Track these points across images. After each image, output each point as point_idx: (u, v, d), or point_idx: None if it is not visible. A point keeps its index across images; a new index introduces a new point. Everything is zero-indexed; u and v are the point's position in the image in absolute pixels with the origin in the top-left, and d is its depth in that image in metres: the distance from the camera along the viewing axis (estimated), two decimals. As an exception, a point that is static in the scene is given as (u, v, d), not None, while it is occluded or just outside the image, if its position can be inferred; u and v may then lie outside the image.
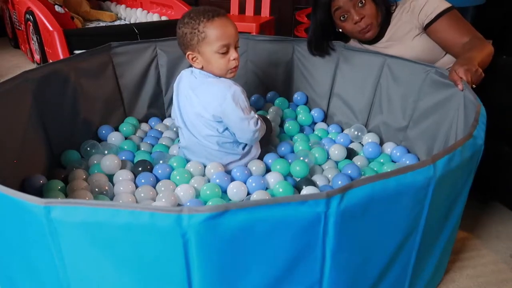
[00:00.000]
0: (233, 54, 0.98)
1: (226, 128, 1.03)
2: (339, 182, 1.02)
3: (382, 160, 1.17)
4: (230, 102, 0.97)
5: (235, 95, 0.97)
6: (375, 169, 1.13)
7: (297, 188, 1.02)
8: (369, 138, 1.24)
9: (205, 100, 1.00)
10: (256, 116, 1.04)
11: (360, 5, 1.18)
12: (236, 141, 1.05)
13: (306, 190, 0.99)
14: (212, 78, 1.00)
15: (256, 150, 1.11)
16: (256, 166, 1.07)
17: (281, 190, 0.97)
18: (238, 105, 0.98)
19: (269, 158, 1.12)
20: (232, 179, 1.03)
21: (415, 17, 1.19)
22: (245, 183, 1.01)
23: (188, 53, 0.99)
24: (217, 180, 1.00)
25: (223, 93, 0.97)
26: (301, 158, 1.10)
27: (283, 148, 1.19)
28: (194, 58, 0.99)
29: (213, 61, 0.98)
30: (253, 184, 1.00)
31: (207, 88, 1.00)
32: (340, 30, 1.26)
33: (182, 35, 0.97)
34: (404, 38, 1.23)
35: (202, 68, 1.01)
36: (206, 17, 0.95)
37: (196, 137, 1.05)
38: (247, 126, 1.00)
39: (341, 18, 1.21)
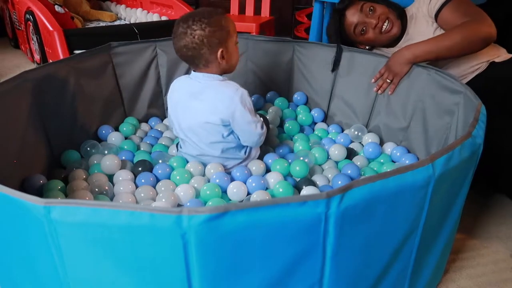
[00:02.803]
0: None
1: (231, 133, 1.02)
2: (339, 182, 1.02)
3: (382, 160, 1.17)
4: (239, 105, 0.97)
5: (242, 98, 0.98)
6: (375, 169, 1.13)
7: (297, 188, 1.02)
8: (369, 138, 1.24)
9: (213, 104, 0.98)
10: (261, 119, 1.05)
11: (370, 12, 1.23)
12: (238, 145, 1.05)
13: (306, 190, 0.99)
14: (217, 81, 1.00)
15: (255, 151, 1.11)
16: (256, 166, 1.07)
17: (281, 190, 0.97)
18: (246, 107, 0.98)
19: (269, 158, 1.12)
20: (232, 179, 1.03)
21: (427, 9, 1.20)
22: (245, 183, 1.01)
23: (221, 49, 0.97)
24: (217, 180, 1.00)
25: (231, 96, 0.97)
26: (301, 158, 1.09)
27: (281, 150, 1.19)
28: (223, 54, 0.98)
29: (234, 52, 1.01)
30: (253, 184, 1.00)
31: (214, 91, 0.99)
32: (367, 46, 1.31)
33: (209, 34, 0.94)
34: (424, 32, 1.21)
35: (225, 64, 0.99)
36: (220, 14, 0.98)
37: (199, 146, 1.04)
38: (254, 129, 1.01)
39: (362, 32, 1.26)
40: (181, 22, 0.96)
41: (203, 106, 1.00)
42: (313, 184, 1.03)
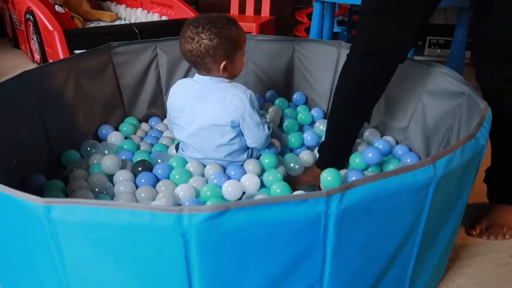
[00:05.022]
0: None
1: (237, 135, 1.02)
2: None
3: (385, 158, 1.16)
4: (248, 106, 0.97)
5: (251, 99, 0.98)
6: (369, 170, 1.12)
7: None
8: (370, 135, 1.24)
9: (222, 105, 0.98)
10: (267, 120, 1.05)
11: None
12: (242, 148, 1.05)
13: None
14: (225, 83, 1.00)
15: (256, 153, 1.11)
16: (252, 166, 1.06)
17: (278, 190, 0.97)
18: (254, 109, 0.99)
19: (265, 158, 1.11)
20: (228, 178, 1.02)
21: None
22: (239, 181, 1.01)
23: (224, 62, 0.96)
24: (215, 181, 1.00)
25: (241, 96, 0.97)
26: (292, 165, 1.10)
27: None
28: (228, 66, 0.97)
29: (239, 63, 1.00)
30: (247, 183, 1.00)
31: (222, 93, 0.98)
32: None
33: (216, 46, 0.93)
34: None
35: (227, 75, 0.99)
36: (231, 23, 0.96)
37: (204, 150, 1.04)
38: (262, 131, 1.02)
39: None
40: (191, 25, 0.94)
41: (212, 107, 0.99)
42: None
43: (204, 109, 1.00)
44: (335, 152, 1.08)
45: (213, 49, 0.93)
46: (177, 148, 1.15)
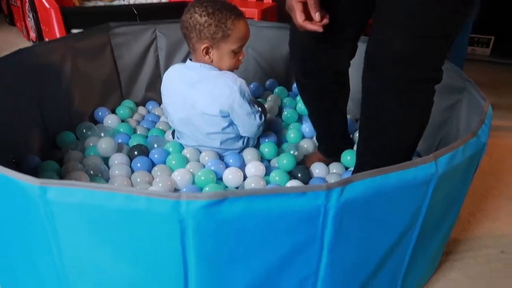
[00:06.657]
0: (242, 54, 0.99)
1: (229, 124, 1.01)
2: (334, 171, 1.01)
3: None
4: (238, 95, 0.96)
5: (241, 88, 0.96)
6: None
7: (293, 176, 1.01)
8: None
9: (211, 94, 0.97)
10: (260, 109, 1.03)
11: None
12: (237, 136, 1.04)
13: (291, 183, 0.97)
14: (216, 71, 0.98)
15: (252, 141, 1.10)
16: (251, 155, 1.06)
17: (277, 178, 0.97)
18: (245, 98, 0.97)
19: (265, 147, 1.11)
20: (226, 166, 1.02)
21: None
22: (240, 168, 1.00)
23: (206, 44, 0.94)
24: (212, 168, 0.99)
25: (230, 86, 0.95)
26: (291, 152, 1.09)
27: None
28: (209, 51, 0.96)
29: (226, 58, 0.97)
30: (252, 170, 0.99)
31: (212, 81, 0.97)
32: None
33: (203, 23, 0.92)
34: None
35: (210, 62, 0.98)
36: (234, 15, 0.94)
37: (197, 137, 1.03)
38: (254, 120, 1.00)
39: None
40: (198, 0, 0.95)
41: (201, 96, 0.98)
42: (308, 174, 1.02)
43: (194, 97, 0.98)
44: (329, 142, 1.11)
45: (200, 26, 0.93)
46: (173, 134, 1.14)
